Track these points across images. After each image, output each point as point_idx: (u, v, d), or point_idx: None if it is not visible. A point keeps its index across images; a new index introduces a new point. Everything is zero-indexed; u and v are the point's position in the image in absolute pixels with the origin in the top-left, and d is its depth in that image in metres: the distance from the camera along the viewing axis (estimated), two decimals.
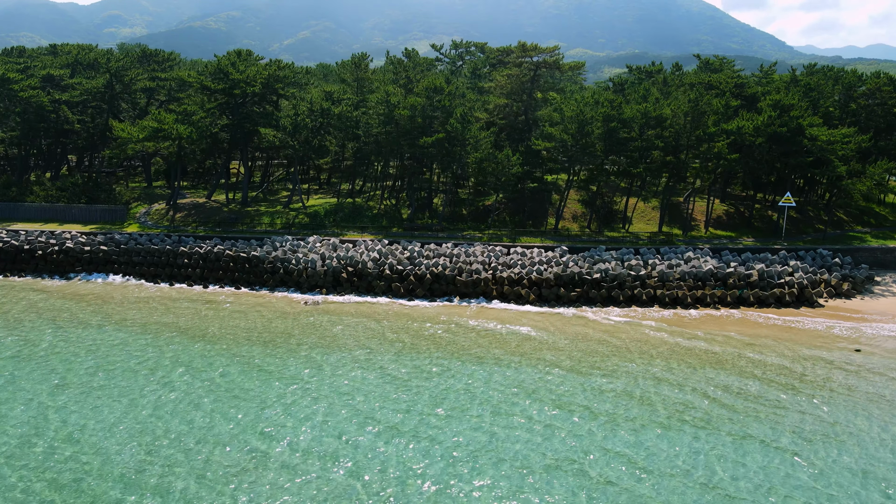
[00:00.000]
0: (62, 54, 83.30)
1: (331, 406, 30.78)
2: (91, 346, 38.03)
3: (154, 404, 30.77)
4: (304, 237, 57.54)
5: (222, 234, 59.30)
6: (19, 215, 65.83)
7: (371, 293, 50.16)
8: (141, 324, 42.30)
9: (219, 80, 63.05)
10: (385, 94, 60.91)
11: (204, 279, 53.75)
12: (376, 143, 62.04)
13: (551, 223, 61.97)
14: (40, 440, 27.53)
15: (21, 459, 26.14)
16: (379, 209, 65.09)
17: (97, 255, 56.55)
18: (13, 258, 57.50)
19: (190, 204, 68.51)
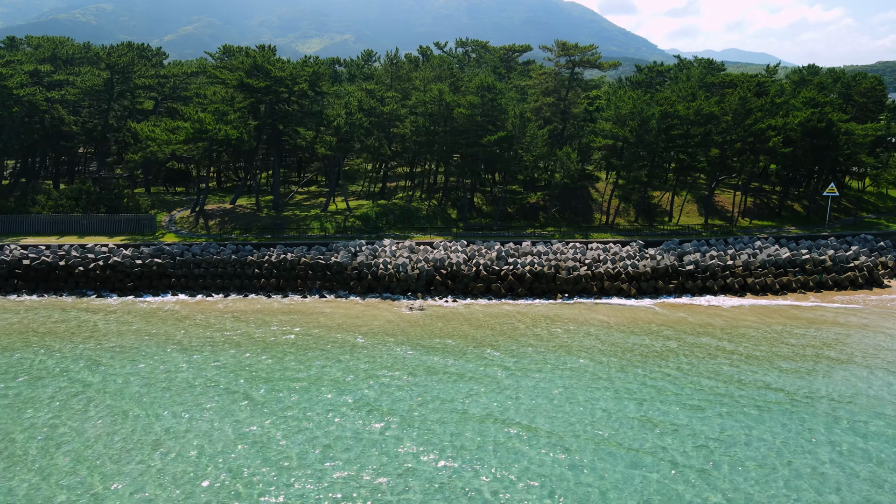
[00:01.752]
0: (32, 47, 75.01)
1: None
2: (281, 370, 34.68)
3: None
4: (373, 241, 55.50)
5: (276, 240, 55.94)
6: (24, 228, 58.68)
7: (468, 295, 49.34)
8: (289, 342, 39.16)
9: (259, 78, 59.28)
10: (438, 92, 59.87)
11: (280, 289, 50.58)
12: (428, 143, 60.84)
13: (598, 219, 63.54)
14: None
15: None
16: (427, 210, 63.89)
17: (150, 268, 51.62)
18: (46, 276, 51.33)
19: (218, 210, 63.97)
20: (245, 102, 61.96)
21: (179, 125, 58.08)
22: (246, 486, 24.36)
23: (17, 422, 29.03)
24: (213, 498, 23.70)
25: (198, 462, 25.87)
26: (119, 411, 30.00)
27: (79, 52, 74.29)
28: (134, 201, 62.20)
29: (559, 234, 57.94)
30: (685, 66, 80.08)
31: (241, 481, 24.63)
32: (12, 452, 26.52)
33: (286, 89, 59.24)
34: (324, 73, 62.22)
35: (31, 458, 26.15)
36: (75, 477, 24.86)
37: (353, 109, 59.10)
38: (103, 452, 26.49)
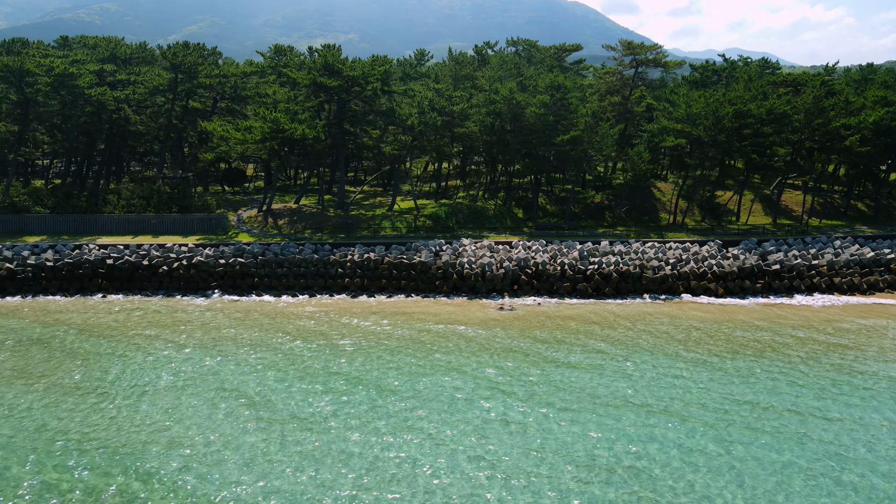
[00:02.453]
0: (89, 47, 74.92)
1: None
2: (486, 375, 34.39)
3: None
4: (451, 241, 55.46)
5: (351, 240, 55.91)
6: (98, 228, 58.64)
7: (554, 294, 49.31)
8: (412, 338, 39.10)
9: (331, 77, 59.21)
10: (508, 91, 59.84)
11: (365, 288, 50.55)
12: (498, 142, 60.78)
13: (664, 218, 63.52)
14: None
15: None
16: (494, 210, 63.83)
17: (233, 268, 51.58)
18: (130, 275, 51.30)
19: (285, 209, 63.93)
20: (313, 102, 61.91)
21: (252, 125, 58.04)
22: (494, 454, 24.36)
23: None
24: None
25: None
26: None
27: (136, 52, 74.17)
28: (203, 201, 62.15)
29: (634, 233, 57.91)
30: (733, 65, 79.97)
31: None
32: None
33: (360, 88, 59.16)
34: (394, 72, 62.18)
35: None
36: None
37: (425, 108, 59.03)
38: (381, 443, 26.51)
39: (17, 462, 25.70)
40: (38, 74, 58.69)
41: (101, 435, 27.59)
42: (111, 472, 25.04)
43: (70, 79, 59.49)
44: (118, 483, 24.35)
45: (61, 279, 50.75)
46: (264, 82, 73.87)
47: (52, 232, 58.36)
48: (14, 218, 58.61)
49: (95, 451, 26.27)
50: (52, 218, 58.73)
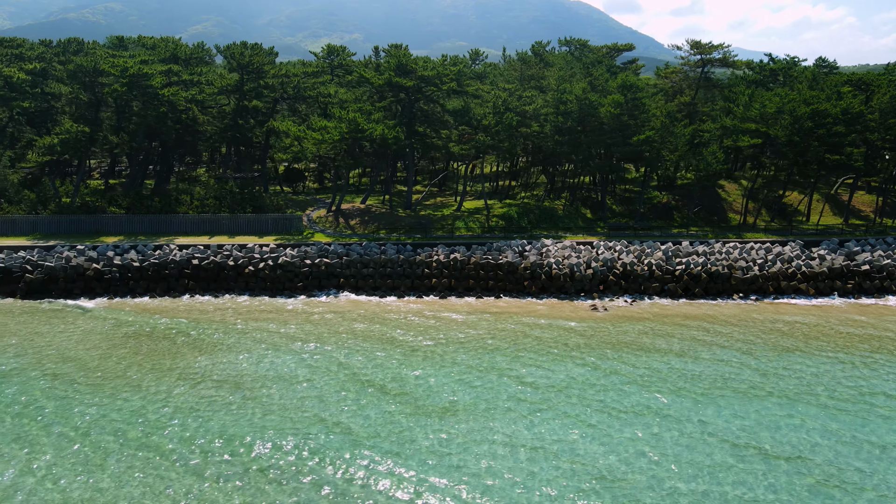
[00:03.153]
0: (147, 47, 74.81)
1: None
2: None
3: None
4: (532, 241, 55.41)
5: (428, 240, 55.84)
6: (173, 228, 58.58)
7: (643, 294, 49.27)
8: (540, 338, 39.19)
9: (405, 77, 59.14)
10: (581, 91, 59.79)
11: (452, 289, 50.50)
12: (570, 143, 60.73)
13: (733, 218, 63.45)
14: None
15: None
16: (563, 210, 63.77)
17: (318, 268, 51.53)
18: (216, 276, 51.23)
19: (354, 210, 63.87)
20: (384, 102, 61.85)
21: (328, 124, 57.98)
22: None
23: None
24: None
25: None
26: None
27: (195, 52, 74.10)
28: (275, 201, 62.08)
29: (712, 234, 57.86)
30: (788, 65, 79.88)
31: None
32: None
33: (435, 88, 59.10)
34: (466, 71, 62.12)
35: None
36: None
37: (500, 108, 58.97)
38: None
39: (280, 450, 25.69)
40: (114, 75, 58.58)
41: (271, 420, 27.60)
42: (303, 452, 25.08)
43: (144, 79, 59.40)
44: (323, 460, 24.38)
45: (148, 279, 50.69)
46: (320, 82, 73.80)
47: (128, 232, 58.29)
48: (89, 218, 58.56)
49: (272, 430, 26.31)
50: (128, 218, 58.67)
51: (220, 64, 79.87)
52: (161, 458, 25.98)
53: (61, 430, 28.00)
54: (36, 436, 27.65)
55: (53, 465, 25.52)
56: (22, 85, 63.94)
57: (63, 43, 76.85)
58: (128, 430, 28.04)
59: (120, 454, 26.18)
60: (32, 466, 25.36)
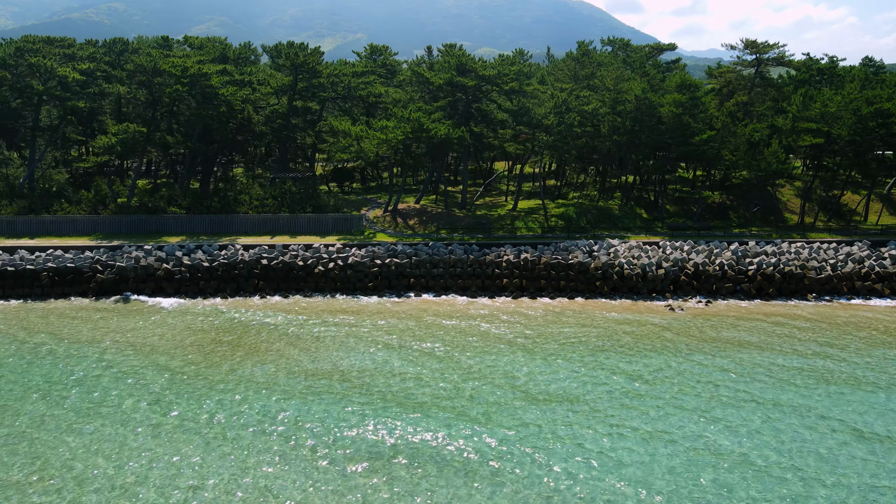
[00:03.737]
0: (195, 47, 74.68)
1: None
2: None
3: None
4: (598, 241, 55.29)
5: (491, 240, 55.78)
6: (234, 228, 58.48)
7: (715, 295, 49.15)
8: (673, 339, 39.15)
9: (466, 77, 59.03)
10: (641, 91, 59.69)
11: (524, 289, 50.37)
12: (629, 143, 60.64)
13: (790, 218, 63.36)
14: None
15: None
16: (619, 210, 63.66)
17: (388, 268, 51.40)
18: (285, 276, 51.11)
19: (410, 209, 63.77)
20: (441, 102, 61.74)
21: (387, 124, 57.86)
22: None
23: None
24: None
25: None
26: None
27: (243, 52, 73.99)
28: (333, 200, 61.98)
29: (776, 233, 57.78)
30: (833, 64, 79.77)
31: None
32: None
33: (497, 88, 59.01)
34: (527, 71, 62.05)
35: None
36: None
37: (561, 109, 58.86)
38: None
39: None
40: (175, 75, 58.43)
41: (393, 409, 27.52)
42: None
43: (203, 79, 59.27)
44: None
45: (217, 279, 50.53)
46: (365, 82, 73.65)
47: (189, 232, 58.17)
48: (150, 218, 58.43)
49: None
50: (188, 218, 58.55)
51: (266, 63, 79.77)
52: (311, 452, 25.87)
53: (190, 421, 27.91)
54: (174, 426, 27.60)
55: (205, 454, 25.45)
56: (74, 85, 63.80)
57: (108, 43, 76.65)
58: (265, 421, 27.94)
59: (271, 446, 26.07)
60: (188, 456, 25.26)
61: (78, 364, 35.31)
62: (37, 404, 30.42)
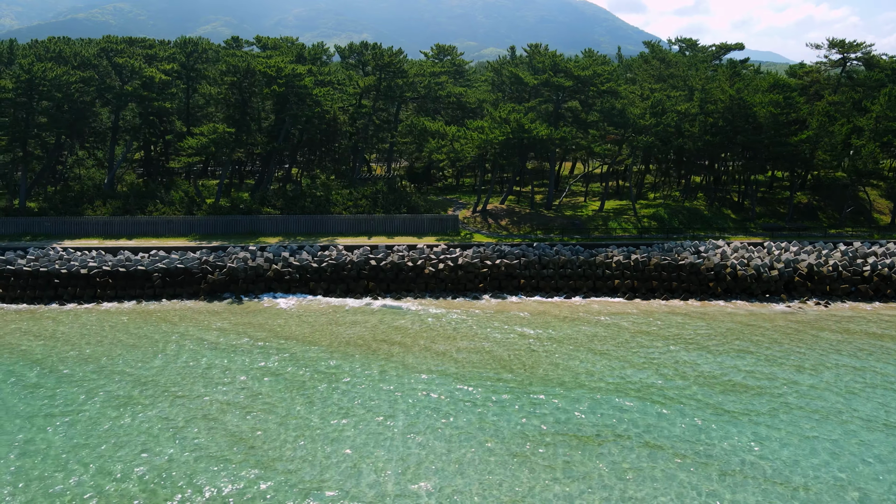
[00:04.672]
0: (269, 47, 74.40)
1: None
2: None
3: None
4: (702, 242, 55.07)
5: (589, 241, 55.59)
6: (329, 228, 58.21)
7: (829, 296, 48.92)
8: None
9: (563, 77, 58.81)
10: (736, 91, 59.50)
11: (635, 290, 50.13)
12: (722, 143, 60.43)
13: (880, 219, 63.16)
14: None
15: None
16: (708, 210, 63.44)
17: (498, 269, 51.15)
18: (394, 277, 50.85)
19: (498, 210, 63.53)
20: (532, 102, 61.53)
21: (483, 125, 57.65)
22: None
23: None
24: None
25: None
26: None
27: (317, 52, 73.74)
28: (426, 201, 61.74)
29: (877, 234, 57.59)
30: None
31: None
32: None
33: (594, 88, 58.81)
34: (621, 71, 61.86)
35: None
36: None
37: (658, 109, 58.64)
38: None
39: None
40: (271, 75, 58.16)
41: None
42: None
43: (297, 79, 59.01)
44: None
45: (327, 280, 50.34)
46: (439, 82, 73.42)
47: (284, 232, 57.90)
48: (245, 219, 58.16)
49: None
50: (283, 218, 58.29)
51: (337, 63, 79.48)
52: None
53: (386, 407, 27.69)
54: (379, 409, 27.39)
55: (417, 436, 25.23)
56: (159, 85, 63.57)
57: (179, 42, 76.32)
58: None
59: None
60: (404, 436, 25.03)
61: (273, 356, 36.24)
62: (300, 401, 30.18)
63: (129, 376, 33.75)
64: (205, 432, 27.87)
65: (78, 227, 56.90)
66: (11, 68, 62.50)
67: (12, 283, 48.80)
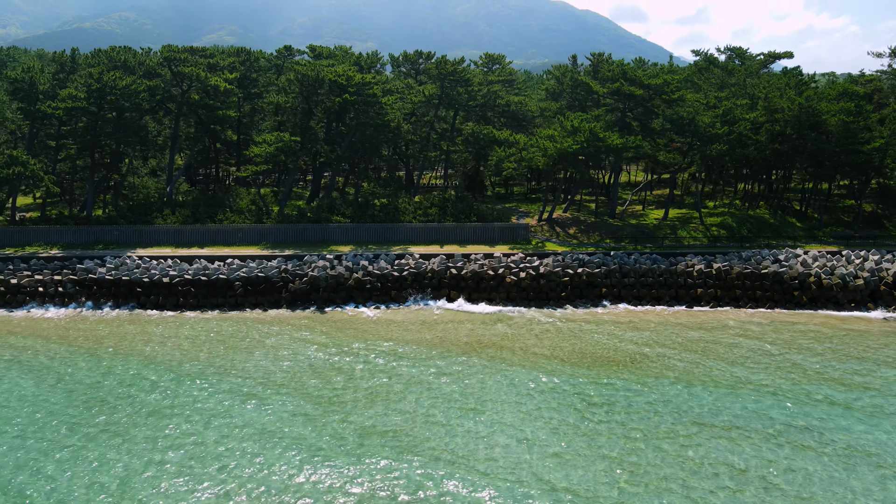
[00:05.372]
0: (324, 57, 74.44)
1: None
2: None
3: None
4: (779, 250, 54.84)
5: (665, 250, 55.30)
6: (398, 236, 57.98)
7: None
8: None
9: (635, 86, 58.76)
10: (805, 100, 59.44)
11: (718, 299, 49.85)
12: (790, 152, 60.33)
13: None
14: None
15: None
16: (773, 219, 63.27)
17: (580, 278, 50.88)
18: (476, 285, 50.56)
19: (563, 218, 63.32)
20: (599, 111, 61.46)
21: (553, 133, 57.56)
22: None
23: None
24: None
25: None
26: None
27: (371, 61, 73.81)
28: (493, 209, 61.55)
29: None
30: None
31: None
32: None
33: (666, 97, 58.76)
34: (689, 79, 61.84)
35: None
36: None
37: (730, 118, 58.53)
38: None
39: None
40: (342, 84, 58.08)
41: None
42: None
43: (366, 87, 58.94)
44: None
45: (409, 288, 50.03)
46: (492, 90, 73.37)
47: (355, 241, 57.65)
48: (314, 227, 57.94)
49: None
50: (354, 227, 58.09)
51: (390, 73, 79.52)
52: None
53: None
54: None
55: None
56: (223, 95, 63.55)
57: (233, 51, 76.44)
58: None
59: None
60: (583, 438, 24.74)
61: (383, 357, 36.46)
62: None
63: (265, 378, 33.67)
64: (341, 425, 27.88)
65: (148, 235, 56.65)
66: (75, 76, 62.41)
67: (95, 292, 48.57)
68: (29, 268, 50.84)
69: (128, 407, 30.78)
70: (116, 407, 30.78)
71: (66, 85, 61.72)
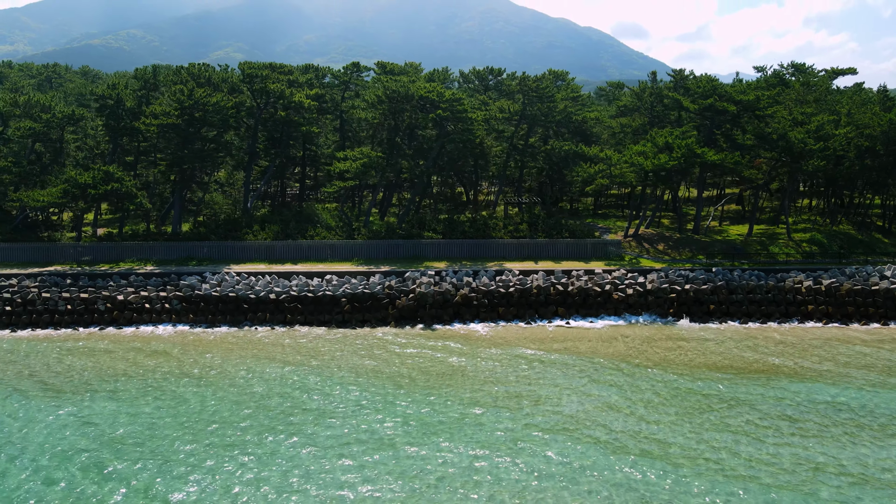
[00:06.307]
0: (386, 73, 74.48)
1: None
2: None
3: None
4: (881, 266, 54.45)
5: (761, 266, 54.98)
6: (491, 252, 57.53)
7: None
8: None
9: (725, 102, 58.66)
10: (873, 114, 59.37)
11: (829, 315, 49.35)
12: (881, 167, 60.15)
13: None
14: None
15: None
16: (861, 235, 62.87)
17: (686, 294, 50.38)
18: (582, 301, 49.99)
19: (649, 234, 62.87)
20: (686, 127, 61.29)
21: (644, 149, 57.33)
22: None
23: None
24: None
25: None
26: None
27: (444, 76, 73.79)
28: (585, 226, 61.18)
29: None
30: None
31: None
32: None
33: (759, 112, 58.61)
34: (771, 94, 61.80)
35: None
36: None
37: (822, 134, 58.32)
38: None
39: None
40: (433, 100, 57.93)
41: None
42: None
43: (457, 103, 58.79)
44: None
45: (515, 305, 49.56)
46: (570, 108, 73.01)
47: (448, 257, 57.15)
48: (406, 243, 57.51)
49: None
50: (446, 243, 57.63)
51: (457, 88, 79.56)
52: None
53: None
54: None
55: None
56: (307, 112, 63.44)
57: (301, 68, 76.51)
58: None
59: None
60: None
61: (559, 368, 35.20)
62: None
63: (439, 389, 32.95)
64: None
65: (240, 251, 56.21)
66: (161, 92, 62.34)
67: (202, 308, 48.02)
68: (130, 284, 50.35)
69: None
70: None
71: (149, 101, 61.62)
